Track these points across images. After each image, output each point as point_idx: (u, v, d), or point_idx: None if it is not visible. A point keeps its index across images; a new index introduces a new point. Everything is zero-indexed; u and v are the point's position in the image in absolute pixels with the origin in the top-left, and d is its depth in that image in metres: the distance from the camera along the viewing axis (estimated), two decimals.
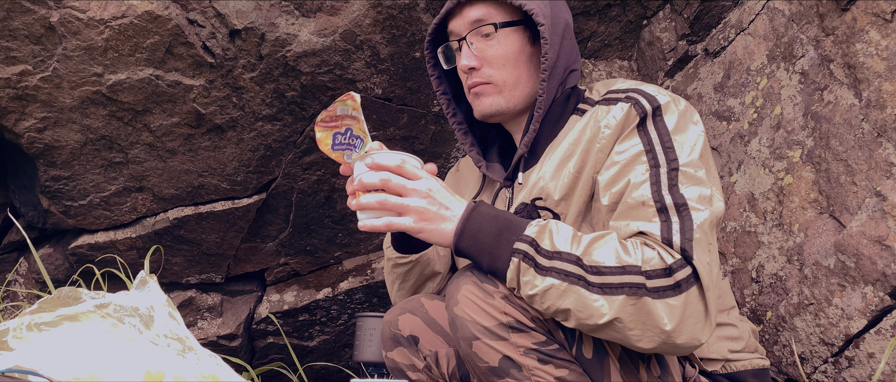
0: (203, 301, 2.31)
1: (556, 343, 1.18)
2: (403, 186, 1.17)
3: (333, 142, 1.24)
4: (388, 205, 1.16)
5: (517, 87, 1.37)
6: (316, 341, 2.45)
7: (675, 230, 1.12)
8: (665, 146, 1.20)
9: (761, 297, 1.71)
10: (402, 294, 1.58)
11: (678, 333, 1.09)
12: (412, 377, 1.42)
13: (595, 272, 1.10)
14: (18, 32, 1.74)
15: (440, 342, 1.42)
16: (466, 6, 1.36)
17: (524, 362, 1.14)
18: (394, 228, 1.17)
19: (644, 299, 1.08)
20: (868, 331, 1.46)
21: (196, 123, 1.96)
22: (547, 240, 1.13)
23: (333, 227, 2.26)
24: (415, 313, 1.44)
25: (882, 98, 1.50)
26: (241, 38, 1.84)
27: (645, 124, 1.23)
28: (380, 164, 1.17)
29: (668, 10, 2.10)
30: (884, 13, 1.53)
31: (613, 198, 1.21)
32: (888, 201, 1.44)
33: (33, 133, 1.88)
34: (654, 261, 1.10)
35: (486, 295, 1.16)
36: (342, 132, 1.23)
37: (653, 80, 2.19)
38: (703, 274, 1.10)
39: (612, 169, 1.23)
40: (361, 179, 1.18)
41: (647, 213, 1.16)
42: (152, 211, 2.10)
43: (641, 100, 1.25)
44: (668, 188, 1.17)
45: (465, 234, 1.17)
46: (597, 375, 1.19)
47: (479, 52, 1.35)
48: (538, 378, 1.15)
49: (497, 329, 1.15)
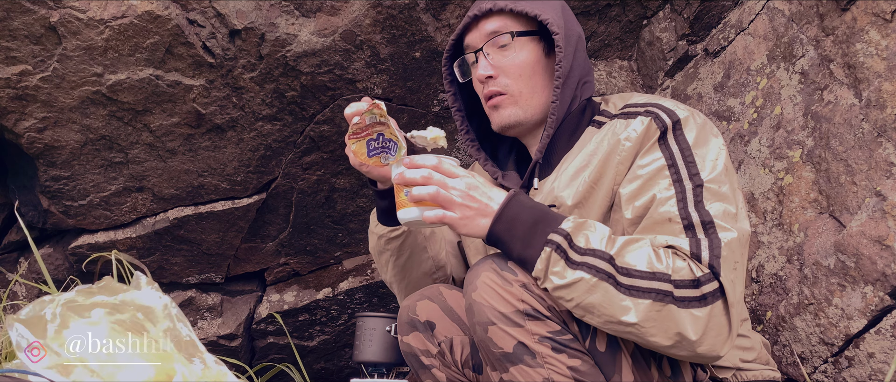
0: (203, 301, 2.31)
1: (571, 334, 1.20)
2: (444, 182, 1.21)
3: (368, 150, 1.31)
4: (438, 198, 1.21)
5: (533, 97, 1.39)
6: (316, 341, 2.45)
7: (703, 246, 1.15)
8: (687, 160, 1.22)
9: (761, 297, 1.71)
10: (396, 271, 1.59)
11: (699, 343, 1.12)
12: (425, 362, 1.46)
13: (625, 273, 1.12)
14: (18, 32, 1.74)
15: (456, 330, 1.45)
16: (483, 19, 1.39)
17: (538, 349, 1.17)
18: (446, 221, 1.21)
19: (669, 306, 1.11)
20: (868, 331, 1.46)
21: (196, 123, 1.96)
22: (582, 237, 1.16)
23: (333, 227, 2.26)
24: (433, 300, 1.47)
25: (882, 98, 1.50)
26: (241, 38, 1.84)
27: (665, 138, 1.25)
28: (418, 163, 1.23)
29: (668, 10, 2.10)
30: (884, 13, 1.53)
31: (637, 212, 1.23)
32: (888, 201, 1.44)
33: (33, 133, 1.88)
34: (683, 272, 1.13)
35: (504, 282, 1.18)
36: (374, 138, 1.30)
37: (653, 80, 2.19)
38: (729, 290, 1.13)
39: (634, 182, 1.24)
40: (405, 175, 1.23)
41: (675, 229, 1.18)
42: (152, 211, 2.10)
43: (661, 114, 1.27)
44: (694, 205, 1.19)
45: (502, 220, 1.20)
46: (608, 369, 1.21)
47: (495, 62, 1.38)
48: (551, 366, 1.17)
49: (513, 316, 1.17)
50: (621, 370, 1.22)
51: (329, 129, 2.04)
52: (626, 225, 1.24)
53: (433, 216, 1.21)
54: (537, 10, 1.35)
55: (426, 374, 1.47)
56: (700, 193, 1.19)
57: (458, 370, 1.46)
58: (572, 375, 1.17)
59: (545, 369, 1.16)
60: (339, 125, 2.04)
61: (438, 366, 1.45)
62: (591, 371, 1.19)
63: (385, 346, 1.73)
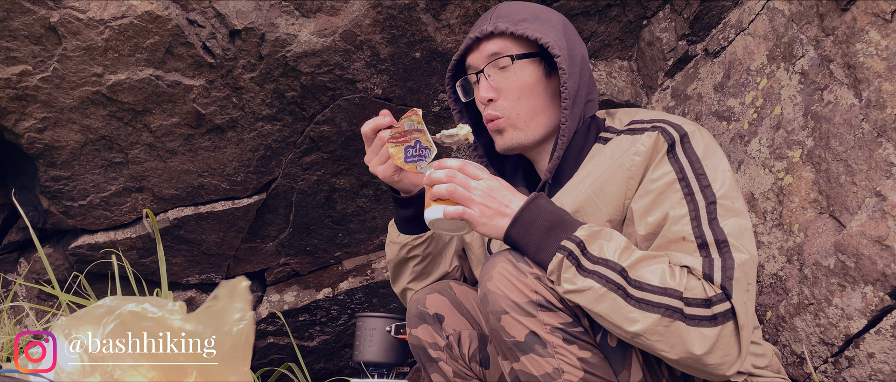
0: (203, 301, 2.31)
1: (582, 327, 1.21)
2: (467, 183, 1.25)
3: (406, 156, 1.36)
4: (456, 195, 1.25)
5: (533, 119, 1.40)
6: (316, 341, 2.45)
7: (716, 267, 1.16)
8: (697, 173, 1.23)
9: (761, 297, 1.71)
10: (413, 278, 1.60)
11: (707, 362, 1.13)
12: (433, 355, 1.48)
13: (637, 286, 1.13)
14: (18, 32, 1.74)
15: (465, 323, 1.48)
16: (484, 41, 1.40)
17: (549, 339, 1.18)
18: (465, 217, 1.25)
19: (678, 323, 1.12)
20: (868, 331, 1.46)
21: (196, 123, 1.96)
22: (596, 246, 1.17)
23: (333, 227, 2.26)
24: (443, 293, 1.50)
25: (882, 98, 1.50)
26: (241, 38, 1.84)
27: (674, 151, 1.26)
28: (444, 165, 1.27)
29: (667, 10, 2.10)
30: (884, 13, 1.53)
31: (650, 229, 1.24)
32: (888, 201, 1.44)
33: (33, 133, 1.88)
34: (696, 290, 1.13)
35: (519, 273, 1.20)
36: (412, 145, 1.36)
37: (653, 80, 2.19)
38: (740, 313, 1.14)
39: (646, 197, 1.25)
40: (433, 175, 1.28)
41: (688, 248, 1.19)
42: (152, 211, 2.10)
43: (668, 128, 1.28)
44: (708, 223, 1.20)
45: (519, 223, 1.22)
46: (618, 364, 1.22)
47: (496, 84, 1.39)
48: (562, 356, 1.18)
49: (526, 306, 1.18)
50: (631, 366, 1.23)
51: (329, 129, 2.04)
52: (640, 241, 1.25)
53: (454, 211, 1.25)
54: (538, 33, 1.36)
55: (433, 367, 1.49)
56: (713, 210, 1.20)
57: (465, 363, 1.48)
58: (582, 366, 1.19)
59: (556, 359, 1.18)
60: (339, 125, 2.04)
61: (446, 359, 1.48)
62: (601, 363, 1.21)
63: (385, 346, 1.73)
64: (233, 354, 1.01)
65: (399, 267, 1.62)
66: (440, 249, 1.61)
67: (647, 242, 1.24)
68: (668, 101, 2.15)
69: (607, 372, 1.21)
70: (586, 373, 1.19)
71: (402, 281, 1.64)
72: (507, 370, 1.24)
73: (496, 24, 1.38)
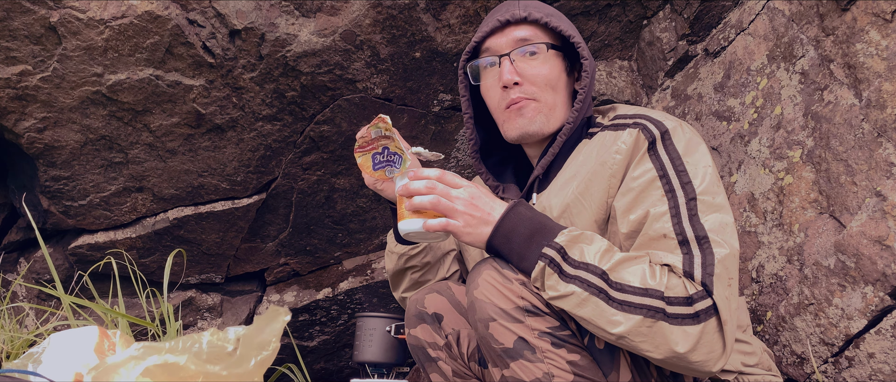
0: (203, 301, 2.31)
1: (569, 330, 1.21)
2: (448, 193, 1.23)
3: (374, 163, 1.34)
4: (440, 206, 1.23)
5: (555, 110, 1.40)
6: (316, 341, 2.45)
7: (696, 264, 1.15)
8: (678, 169, 1.22)
9: (761, 297, 1.71)
10: (412, 284, 1.63)
11: (692, 359, 1.13)
12: (432, 354, 1.48)
13: (619, 289, 1.13)
14: (18, 32, 1.74)
15: (463, 323, 1.48)
16: (514, 26, 1.39)
17: (538, 344, 1.18)
18: (449, 228, 1.23)
19: (660, 323, 1.11)
20: (868, 331, 1.46)
21: (196, 123, 1.96)
22: (576, 250, 1.16)
23: (333, 227, 2.26)
24: (441, 293, 1.51)
25: (882, 98, 1.50)
26: (241, 38, 1.84)
27: (655, 148, 1.25)
28: (422, 175, 1.25)
29: (668, 10, 2.10)
30: (884, 13, 1.53)
31: (632, 227, 1.23)
32: (888, 201, 1.44)
33: (33, 133, 1.87)
34: (677, 289, 1.13)
35: (505, 280, 1.20)
36: (379, 152, 1.33)
37: (653, 80, 2.19)
38: (722, 308, 1.13)
39: (627, 195, 1.25)
40: (410, 186, 1.25)
41: (669, 245, 1.18)
42: (152, 211, 2.10)
43: (649, 125, 1.27)
44: (689, 219, 1.19)
45: (499, 233, 1.22)
46: (607, 366, 1.22)
47: (521, 70, 1.38)
48: (551, 360, 1.18)
49: (513, 312, 1.18)
50: (620, 368, 1.22)
51: (329, 129, 2.04)
52: (622, 239, 1.24)
53: (437, 224, 1.23)
54: (570, 30, 1.38)
55: (432, 367, 1.49)
56: (694, 206, 1.19)
57: (463, 363, 1.49)
58: (572, 369, 1.18)
59: (545, 363, 1.18)
60: (339, 125, 2.04)
61: (445, 358, 1.48)
62: (591, 366, 1.20)
63: (385, 346, 1.73)
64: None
65: (398, 277, 1.64)
66: (438, 257, 1.62)
67: (630, 240, 1.24)
68: (669, 101, 2.15)
69: (597, 374, 1.21)
70: (576, 376, 1.18)
71: (401, 289, 1.66)
72: (498, 377, 1.23)
73: (530, 12, 1.38)
